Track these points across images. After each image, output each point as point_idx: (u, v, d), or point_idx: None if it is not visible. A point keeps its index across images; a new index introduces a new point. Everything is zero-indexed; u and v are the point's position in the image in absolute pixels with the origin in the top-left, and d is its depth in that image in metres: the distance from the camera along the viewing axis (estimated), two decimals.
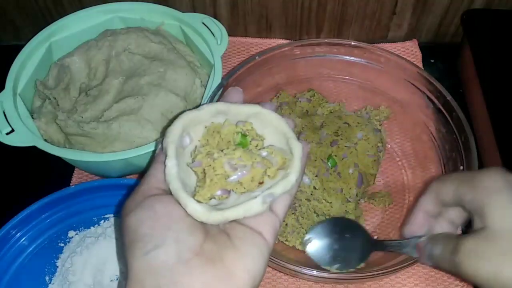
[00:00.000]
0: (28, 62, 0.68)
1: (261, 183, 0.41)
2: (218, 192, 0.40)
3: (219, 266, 0.36)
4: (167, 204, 0.38)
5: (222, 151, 0.41)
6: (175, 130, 0.41)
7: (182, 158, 0.42)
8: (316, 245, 0.57)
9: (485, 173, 0.43)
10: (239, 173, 0.40)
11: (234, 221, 0.39)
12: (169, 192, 0.39)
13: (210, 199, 0.40)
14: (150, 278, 0.35)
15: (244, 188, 0.41)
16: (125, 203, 0.39)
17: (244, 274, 0.36)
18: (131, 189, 0.64)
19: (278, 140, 0.44)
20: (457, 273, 0.42)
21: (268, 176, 0.41)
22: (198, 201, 0.38)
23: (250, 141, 0.42)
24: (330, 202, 0.62)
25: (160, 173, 0.40)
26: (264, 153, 0.42)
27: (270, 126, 0.44)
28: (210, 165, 0.40)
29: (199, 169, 0.41)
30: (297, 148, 0.42)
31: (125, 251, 0.37)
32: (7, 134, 0.61)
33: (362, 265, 0.57)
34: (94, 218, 0.65)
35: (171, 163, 0.39)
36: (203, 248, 0.36)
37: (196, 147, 0.43)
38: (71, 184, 0.70)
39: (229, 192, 0.40)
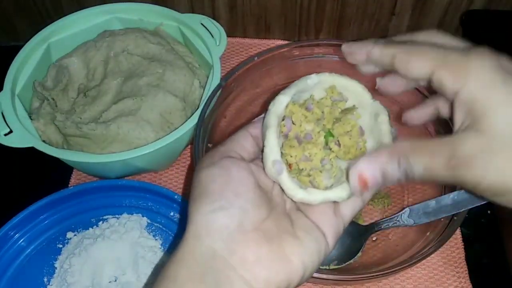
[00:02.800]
0: (26, 63, 0.68)
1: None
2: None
3: (275, 247, 0.35)
4: (243, 170, 0.37)
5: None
6: (282, 104, 0.40)
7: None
8: None
9: (473, 56, 0.35)
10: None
11: (301, 212, 0.39)
12: (247, 160, 0.39)
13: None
14: (207, 237, 0.35)
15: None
16: (202, 159, 0.39)
17: (299, 264, 0.35)
18: (130, 190, 0.64)
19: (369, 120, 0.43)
20: (453, 182, 0.35)
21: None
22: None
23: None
24: None
25: (244, 141, 0.40)
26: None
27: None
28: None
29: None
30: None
31: (190, 204, 0.37)
32: (5, 135, 0.61)
33: (359, 255, 0.59)
34: (92, 219, 0.65)
35: (272, 135, 0.39)
36: (264, 224, 0.36)
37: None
38: (69, 185, 0.70)
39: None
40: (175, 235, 0.64)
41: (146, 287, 0.59)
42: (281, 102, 0.40)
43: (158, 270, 0.59)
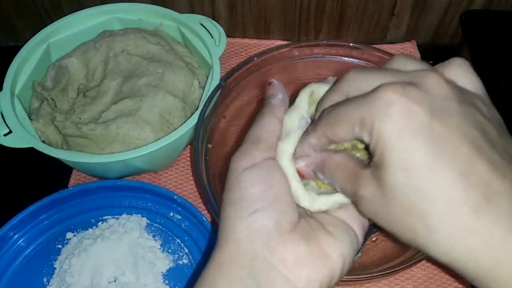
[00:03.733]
0: (26, 63, 0.68)
1: None
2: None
3: (313, 244, 0.35)
4: (282, 174, 0.37)
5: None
6: (303, 102, 0.40)
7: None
8: None
9: (378, 97, 0.31)
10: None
11: (324, 213, 0.39)
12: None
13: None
14: (246, 239, 0.34)
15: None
16: (240, 155, 0.38)
17: (339, 257, 0.35)
18: (130, 190, 0.64)
19: None
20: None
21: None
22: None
23: None
24: None
25: (270, 129, 0.39)
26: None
27: None
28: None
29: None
30: None
31: (227, 207, 0.37)
32: (5, 135, 0.61)
33: (359, 255, 0.59)
34: (92, 220, 0.65)
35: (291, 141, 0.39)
36: (299, 224, 0.36)
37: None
38: (69, 185, 0.70)
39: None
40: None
41: None
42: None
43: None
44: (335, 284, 0.36)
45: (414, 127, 0.30)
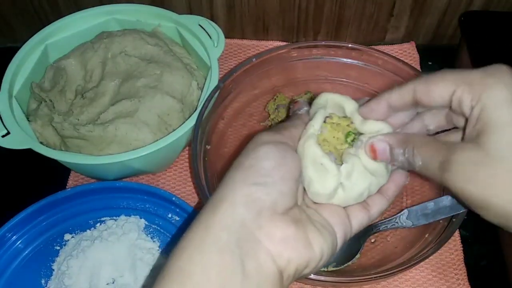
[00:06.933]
0: (24, 64, 0.68)
1: None
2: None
3: (301, 231, 0.37)
4: (296, 161, 0.40)
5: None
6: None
7: None
8: None
9: (491, 73, 0.36)
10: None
11: (313, 209, 0.41)
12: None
13: None
14: (242, 206, 0.36)
15: None
16: (265, 132, 0.41)
17: (319, 252, 0.37)
18: (128, 191, 0.64)
19: None
20: (440, 183, 0.38)
21: None
22: None
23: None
24: None
25: (299, 131, 0.43)
26: None
27: None
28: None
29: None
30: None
31: (235, 170, 0.39)
32: (3, 136, 0.60)
33: (358, 256, 0.60)
34: (90, 221, 0.64)
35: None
36: (292, 211, 0.38)
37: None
38: (67, 187, 0.70)
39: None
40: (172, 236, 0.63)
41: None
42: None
43: (156, 272, 0.59)
44: (300, 277, 0.38)
45: None
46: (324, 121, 0.44)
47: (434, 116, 0.44)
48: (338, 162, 0.43)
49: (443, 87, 0.38)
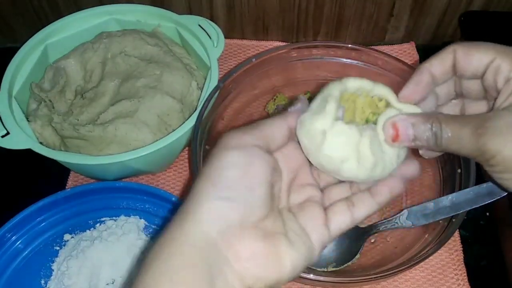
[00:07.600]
0: (23, 65, 0.68)
1: None
2: None
3: (270, 246, 0.36)
4: (265, 165, 0.37)
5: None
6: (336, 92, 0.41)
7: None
8: None
9: None
10: None
11: (292, 214, 0.39)
12: (272, 150, 0.39)
13: None
14: (207, 223, 0.34)
15: None
16: (232, 133, 0.38)
17: (290, 267, 0.36)
18: (128, 191, 0.64)
19: None
20: (477, 156, 0.37)
21: None
22: None
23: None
24: None
25: (278, 130, 0.40)
26: None
27: None
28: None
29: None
30: None
31: (199, 181, 0.36)
32: (2, 137, 0.60)
33: (357, 257, 0.59)
34: (90, 221, 0.64)
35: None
36: (262, 223, 0.36)
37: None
38: (66, 187, 0.70)
39: None
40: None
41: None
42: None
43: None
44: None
45: None
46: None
47: (443, 87, 0.44)
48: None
49: (484, 53, 0.39)
